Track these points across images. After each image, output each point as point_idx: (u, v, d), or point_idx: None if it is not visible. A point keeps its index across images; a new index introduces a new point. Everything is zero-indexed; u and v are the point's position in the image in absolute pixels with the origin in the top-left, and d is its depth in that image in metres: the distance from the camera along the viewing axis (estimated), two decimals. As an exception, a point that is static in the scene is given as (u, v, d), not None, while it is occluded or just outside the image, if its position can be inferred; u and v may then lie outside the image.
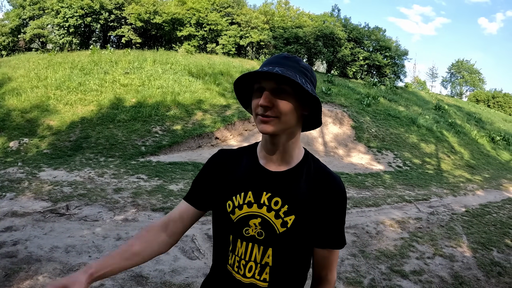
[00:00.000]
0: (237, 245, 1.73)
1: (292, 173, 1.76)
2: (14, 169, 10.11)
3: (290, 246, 1.71)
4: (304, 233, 1.71)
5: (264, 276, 1.71)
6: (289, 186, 1.73)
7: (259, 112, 1.62)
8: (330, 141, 16.93)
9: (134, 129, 14.01)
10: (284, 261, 1.72)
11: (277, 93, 1.60)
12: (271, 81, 1.60)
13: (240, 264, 1.72)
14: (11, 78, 17.94)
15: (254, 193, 1.73)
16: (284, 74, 1.53)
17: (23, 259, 5.26)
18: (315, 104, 1.70)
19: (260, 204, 1.71)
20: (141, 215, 7.42)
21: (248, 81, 1.74)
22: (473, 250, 7.09)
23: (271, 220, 1.69)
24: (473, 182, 14.75)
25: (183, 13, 28.02)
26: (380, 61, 31.80)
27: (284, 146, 1.74)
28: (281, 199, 1.70)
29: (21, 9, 28.74)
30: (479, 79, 62.96)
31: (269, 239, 1.69)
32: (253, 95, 1.68)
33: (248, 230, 1.71)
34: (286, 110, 1.61)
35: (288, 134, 1.72)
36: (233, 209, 1.73)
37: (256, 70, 1.59)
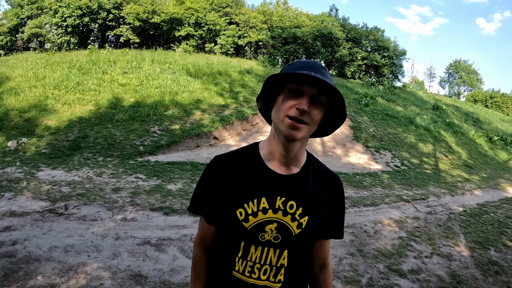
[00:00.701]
0: (251, 251, 1.73)
1: (301, 175, 1.79)
2: (13, 169, 10.11)
3: (303, 246, 1.79)
4: (314, 231, 1.81)
5: (279, 277, 1.75)
6: (300, 189, 1.76)
7: (292, 114, 1.60)
8: (328, 141, 16.94)
9: (133, 129, 14.00)
10: (298, 261, 1.79)
11: (315, 101, 1.62)
12: (315, 88, 1.61)
13: (254, 268, 1.73)
14: (9, 77, 17.94)
15: (268, 198, 1.73)
16: (333, 85, 1.57)
17: (22, 258, 5.26)
18: (338, 118, 1.79)
19: (275, 209, 1.72)
20: (139, 215, 7.42)
21: (283, 79, 1.70)
22: (470, 249, 7.11)
23: (288, 223, 1.72)
24: (471, 182, 14.78)
25: (182, 13, 28.01)
26: (378, 61, 31.82)
27: (298, 150, 1.76)
28: (295, 202, 1.73)
29: (19, 8, 28.70)
30: (477, 79, 62.97)
31: (285, 242, 1.73)
32: (285, 95, 1.66)
33: (264, 235, 1.72)
34: (317, 119, 1.66)
35: (305, 140, 1.75)
36: (246, 217, 1.72)
37: (308, 72, 1.57)
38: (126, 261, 5.38)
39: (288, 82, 1.66)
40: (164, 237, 6.38)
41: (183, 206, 8.02)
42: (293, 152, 1.74)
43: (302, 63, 1.68)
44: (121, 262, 5.35)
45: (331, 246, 6.43)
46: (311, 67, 1.64)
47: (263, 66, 26.51)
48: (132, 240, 6.19)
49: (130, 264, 5.31)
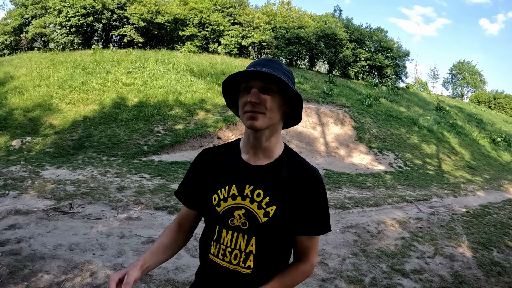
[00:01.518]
0: (223, 235, 1.89)
1: (273, 166, 1.91)
2: (17, 168, 10.16)
3: (272, 235, 1.87)
4: (285, 222, 1.86)
5: (248, 263, 1.86)
6: (270, 179, 1.88)
7: (247, 109, 1.78)
8: (331, 141, 16.96)
9: (136, 129, 14.05)
10: (267, 249, 1.88)
11: (264, 91, 1.77)
12: (260, 80, 1.77)
13: (226, 252, 1.88)
14: (13, 77, 18.00)
15: (237, 186, 1.89)
16: (272, 73, 1.69)
17: (27, 256, 5.30)
18: (297, 101, 1.87)
19: (244, 196, 1.87)
20: (144, 214, 7.47)
21: (236, 81, 1.87)
22: (473, 250, 7.13)
23: (254, 210, 1.84)
24: (474, 183, 14.78)
25: (185, 13, 28.00)
26: (382, 62, 31.75)
27: (266, 141, 1.89)
28: (263, 191, 1.85)
29: (23, 8, 28.76)
30: (480, 80, 62.86)
31: (253, 229, 1.85)
32: (240, 94, 1.85)
33: (233, 220, 1.87)
34: (272, 107, 1.79)
35: (272, 130, 1.88)
36: (218, 202, 1.89)
37: (245, 70, 1.76)
38: (131, 260, 5.41)
39: (241, 82, 1.84)
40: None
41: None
42: (262, 143, 1.89)
43: (252, 63, 1.85)
44: (126, 260, 5.39)
45: (334, 245, 6.44)
46: (257, 64, 1.81)
47: (266, 67, 26.47)
48: (137, 238, 6.23)
49: (135, 262, 5.34)
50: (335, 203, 9.43)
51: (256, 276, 1.88)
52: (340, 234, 7.30)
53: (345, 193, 10.79)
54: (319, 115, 18.30)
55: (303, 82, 23.84)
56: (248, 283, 1.88)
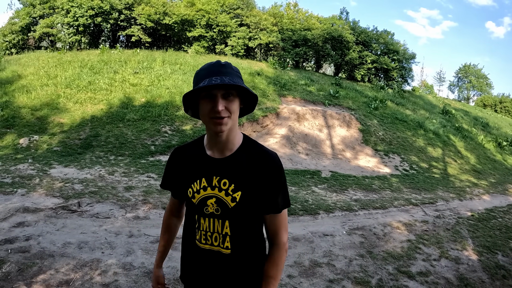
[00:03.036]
0: (201, 222, 2.17)
1: (234, 157, 2.15)
2: (25, 166, 10.23)
3: (242, 217, 2.13)
4: (251, 205, 2.12)
5: (226, 244, 2.14)
6: (233, 168, 2.13)
7: (213, 115, 1.98)
8: (337, 144, 16.98)
9: (144, 129, 14.11)
10: (240, 230, 2.15)
11: (226, 97, 1.99)
12: (222, 89, 1.97)
13: (207, 236, 2.17)
14: (21, 75, 18.08)
15: (206, 178, 2.15)
16: (234, 83, 1.92)
17: (36, 254, 5.35)
18: (252, 98, 2.15)
19: (213, 186, 2.13)
20: (152, 213, 7.52)
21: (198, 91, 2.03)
22: (478, 253, 7.14)
23: (223, 198, 2.10)
24: (479, 187, 14.76)
25: (193, 14, 28.01)
26: (388, 64, 31.66)
27: (227, 136, 2.11)
28: (228, 180, 2.11)
29: (31, 7, 28.81)
30: (487, 84, 62.58)
31: (225, 213, 2.12)
32: (202, 101, 2.03)
33: (207, 208, 2.14)
34: (235, 109, 2.03)
35: (232, 126, 2.09)
36: (193, 194, 2.17)
37: (210, 83, 1.90)
38: (140, 258, 5.46)
39: (201, 90, 2.00)
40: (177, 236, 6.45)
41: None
42: (223, 139, 2.11)
43: (204, 70, 2.03)
44: (135, 259, 5.44)
45: (341, 247, 6.49)
46: (213, 72, 1.98)
47: (273, 68, 26.48)
48: (146, 238, 6.28)
49: (144, 261, 5.39)
50: (341, 205, 9.46)
51: (236, 255, 2.15)
52: (346, 236, 7.33)
53: (351, 195, 10.81)
54: (325, 117, 18.32)
55: (310, 84, 23.85)
56: (229, 262, 2.16)
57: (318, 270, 5.71)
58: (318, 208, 8.98)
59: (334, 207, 9.22)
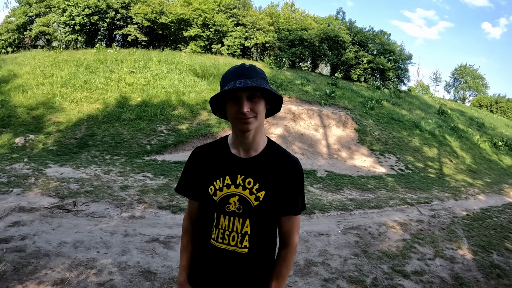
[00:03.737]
0: (221, 220, 2.18)
1: (259, 158, 2.21)
2: (20, 165, 10.21)
3: (263, 216, 2.18)
4: (273, 205, 2.17)
5: (244, 243, 2.17)
6: (258, 168, 2.19)
7: (239, 116, 2.04)
8: (333, 144, 16.99)
9: (140, 128, 14.10)
10: (260, 229, 2.19)
11: (252, 99, 2.05)
12: (246, 91, 2.03)
13: (225, 235, 2.17)
14: (16, 75, 18.05)
15: (230, 176, 2.18)
16: (258, 85, 1.97)
17: (31, 253, 5.35)
18: (277, 100, 2.18)
19: (237, 184, 2.16)
20: (147, 213, 7.51)
21: (223, 94, 2.09)
22: (473, 252, 7.16)
23: (247, 196, 2.14)
24: (475, 187, 14.79)
25: (189, 14, 28.00)
26: (384, 64, 31.69)
27: (253, 137, 2.17)
28: (252, 179, 2.16)
29: (27, 6, 28.74)
30: (483, 84, 62.72)
31: (247, 212, 2.15)
32: (229, 103, 2.09)
33: (229, 206, 2.16)
34: (260, 110, 2.08)
35: (257, 128, 2.15)
36: (215, 192, 2.18)
37: (234, 86, 1.96)
38: (135, 258, 5.46)
39: (227, 94, 2.07)
40: (172, 235, 6.47)
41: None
42: (249, 139, 2.16)
43: (230, 74, 2.09)
44: (130, 258, 5.44)
45: (336, 246, 6.51)
46: (238, 75, 2.04)
47: (269, 68, 26.49)
48: (141, 237, 6.27)
49: (139, 260, 5.39)
50: (337, 205, 9.47)
51: (252, 254, 2.19)
52: (342, 235, 7.34)
53: (347, 195, 10.83)
54: (321, 117, 18.32)
55: (306, 84, 23.86)
56: (245, 261, 2.19)
57: (313, 269, 5.72)
58: (314, 207, 8.99)
59: (330, 207, 9.24)
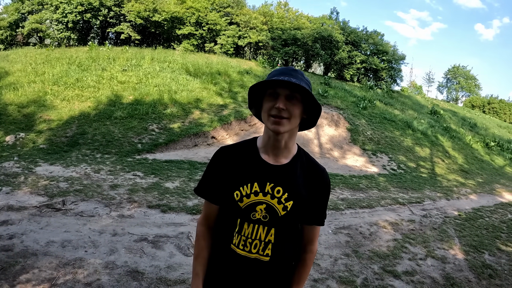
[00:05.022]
0: (244, 227, 2.10)
1: (290, 166, 2.14)
2: (10, 164, 10.13)
3: (289, 226, 2.13)
4: (299, 215, 2.14)
5: (267, 251, 2.10)
6: (288, 177, 2.11)
7: (273, 113, 1.99)
8: (325, 143, 16.99)
9: (131, 127, 14.03)
10: (283, 238, 2.13)
11: (290, 99, 1.99)
12: (287, 89, 1.98)
13: (247, 242, 2.09)
14: (8, 72, 17.93)
15: (259, 183, 2.09)
16: (300, 84, 1.92)
17: (19, 253, 5.29)
18: (315, 109, 2.11)
19: (265, 192, 2.08)
20: (137, 212, 7.46)
21: (263, 87, 2.09)
22: (465, 252, 7.17)
23: (274, 205, 2.07)
24: (467, 186, 14.84)
25: (183, 12, 27.95)
26: (377, 64, 31.74)
27: (285, 143, 2.12)
28: (282, 188, 2.08)
29: (20, 3, 28.68)
30: (475, 85, 62.95)
31: (273, 221, 2.08)
32: (266, 99, 2.05)
33: (255, 214, 2.08)
34: (296, 113, 2.02)
35: (291, 133, 2.11)
36: (241, 198, 2.08)
37: (277, 78, 1.94)
38: (123, 257, 5.41)
39: (267, 88, 2.05)
40: (161, 234, 6.42)
41: (180, 204, 8.07)
42: (281, 144, 2.11)
43: (277, 71, 2.06)
44: (118, 258, 5.39)
45: (326, 246, 6.48)
46: (283, 73, 2.01)
47: (262, 67, 26.47)
48: (129, 236, 6.23)
49: (127, 260, 5.34)
50: (328, 204, 9.43)
51: (274, 263, 2.13)
52: (332, 235, 7.31)
53: (338, 194, 10.80)
54: (314, 116, 18.29)
55: (299, 83, 23.79)
56: (266, 269, 2.12)
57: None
58: (305, 207, 8.94)
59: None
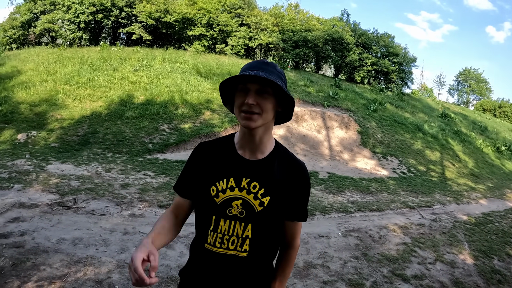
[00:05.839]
0: (220, 224, 2.06)
1: (266, 161, 2.12)
2: (22, 161, 10.21)
3: (266, 222, 2.08)
4: (277, 210, 2.09)
5: (245, 247, 2.06)
6: (264, 172, 2.09)
7: (244, 109, 1.95)
8: (335, 145, 16.97)
9: (142, 126, 14.09)
10: (262, 234, 2.09)
11: (261, 93, 1.95)
12: (257, 84, 1.94)
13: (224, 239, 2.05)
14: (20, 71, 18.10)
15: (235, 179, 2.07)
16: (269, 78, 1.86)
17: (30, 249, 5.34)
18: (289, 102, 2.07)
19: (241, 188, 2.06)
20: (148, 211, 7.50)
21: (234, 82, 2.04)
22: (474, 257, 7.13)
23: (251, 201, 2.05)
24: (477, 191, 14.75)
25: (194, 13, 28.02)
26: (388, 67, 31.63)
27: (260, 138, 2.08)
28: (258, 183, 2.06)
29: (32, 3, 28.88)
30: (486, 88, 62.75)
31: (249, 217, 2.05)
32: (237, 94, 2.01)
33: (231, 210, 2.05)
34: (267, 108, 1.97)
35: (265, 128, 2.07)
36: (217, 193, 2.06)
37: (244, 73, 1.89)
38: (134, 256, 5.43)
39: (238, 83, 2.01)
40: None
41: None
42: (256, 139, 2.08)
43: (248, 65, 2.03)
44: (129, 256, 5.41)
45: (336, 249, 6.48)
46: (253, 67, 1.98)
47: (273, 69, 26.43)
48: (140, 235, 6.26)
49: (138, 259, 5.36)
50: (338, 207, 9.45)
51: (252, 258, 2.09)
52: (342, 238, 7.32)
53: (348, 197, 10.80)
54: (324, 119, 18.31)
55: (309, 85, 23.83)
56: (245, 265, 2.09)
57: (312, 271, 5.70)
58: (314, 209, 8.97)
59: (331, 209, 9.21)
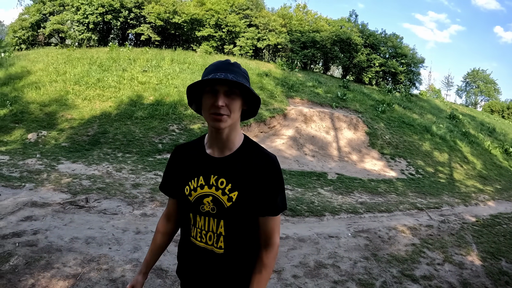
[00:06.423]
0: (197, 220, 2.19)
1: (233, 157, 2.18)
2: (33, 161, 10.29)
3: (237, 217, 2.14)
4: (247, 206, 2.13)
5: (220, 244, 2.17)
6: (231, 168, 2.15)
7: (213, 111, 2.01)
8: (344, 146, 16.99)
9: (152, 127, 14.16)
10: (235, 230, 2.17)
11: (229, 94, 2.02)
12: (225, 86, 2.00)
13: (202, 234, 2.19)
14: (30, 71, 18.21)
15: (204, 177, 2.17)
16: (238, 81, 1.95)
17: (43, 248, 5.41)
18: (255, 101, 2.18)
19: (210, 185, 2.15)
20: (159, 211, 7.57)
21: (201, 84, 2.07)
22: (482, 259, 7.16)
23: (219, 197, 2.12)
24: (485, 193, 14.73)
25: (202, 14, 28.07)
26: (396, 68, 31.51)
27: (227, 135, 2.14)
28: (225, 179, 2.13)
29: (41, 4, 28.97)
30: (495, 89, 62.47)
31: (220, 213, 2.13)
32: (205, 96, 2.06)
33: (203, 206, 2.16)
34: (235, 108, 2.05)
35: (232, 126, 2.12)
36: (190, 192, 2.19)
37: (214, 76, 1.95)
38: (147, 255, 5.50)
39: (206, 85, 2.05)
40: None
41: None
42: (223, 137, 2.13)
43: (213, 66, 2.08)
44: (142, 255, 5.49)
45: (346, 249, 6.52)
46: (220, 68, 2.04)
47: (281, 70, 26.44)
48: (152, 235, 6.31)
49: (151, 257, 5.43)
50: (347, 208, 9.49)
51: (228, 255, 2.18)
52: (351, 238, 7.36)
53: (357, 198, 10.83)
54: (332, 120, 18.33)
55: (317, 86, 23.83)
56: (221, 262, 2.19)
57: (323, 271, 5.75)
58: (324, 209, 9.01)
59: (340, 209, 9.26)
